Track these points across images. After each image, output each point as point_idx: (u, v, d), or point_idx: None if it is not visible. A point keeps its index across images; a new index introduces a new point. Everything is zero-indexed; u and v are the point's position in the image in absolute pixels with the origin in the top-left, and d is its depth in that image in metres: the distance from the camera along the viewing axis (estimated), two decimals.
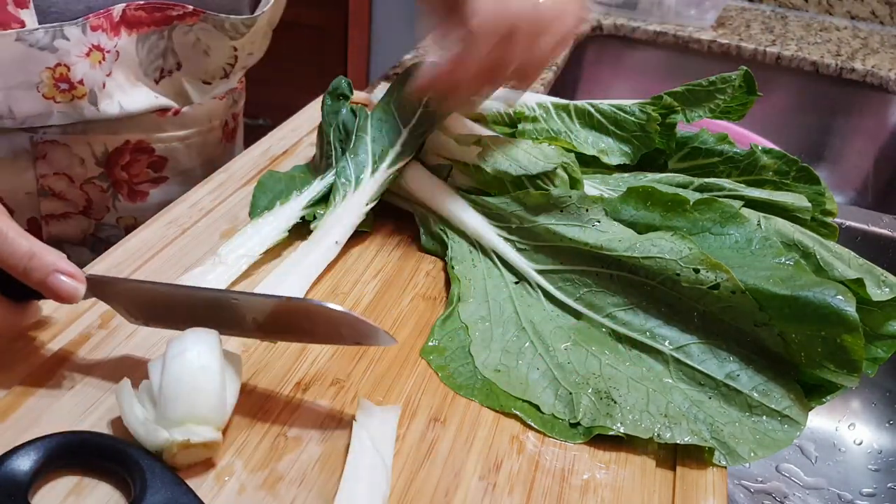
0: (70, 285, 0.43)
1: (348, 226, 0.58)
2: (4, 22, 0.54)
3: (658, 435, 0.44)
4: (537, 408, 0.47)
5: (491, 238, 0.56)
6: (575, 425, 0.46)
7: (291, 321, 0.44)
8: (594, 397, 0.46)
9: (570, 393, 0.47)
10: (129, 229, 0.69)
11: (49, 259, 0.42)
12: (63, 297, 0.43)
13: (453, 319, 0.52)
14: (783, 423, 0.45)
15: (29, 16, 0.55)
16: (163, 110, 0.66)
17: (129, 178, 0.68)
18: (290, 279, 0.53)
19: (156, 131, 0.67)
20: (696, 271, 0.47)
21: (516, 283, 0.54)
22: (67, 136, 0.63)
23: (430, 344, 0.51)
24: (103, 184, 0.67)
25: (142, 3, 0.60)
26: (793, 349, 0.45)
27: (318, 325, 0.44)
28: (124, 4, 0.59)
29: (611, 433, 0.45)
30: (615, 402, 0.46)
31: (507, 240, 0.56)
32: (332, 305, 0.42)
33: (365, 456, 0.41)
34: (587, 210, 0.53)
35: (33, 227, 0.68)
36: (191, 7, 0.62)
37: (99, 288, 0.45)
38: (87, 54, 0.58)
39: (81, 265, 0.47)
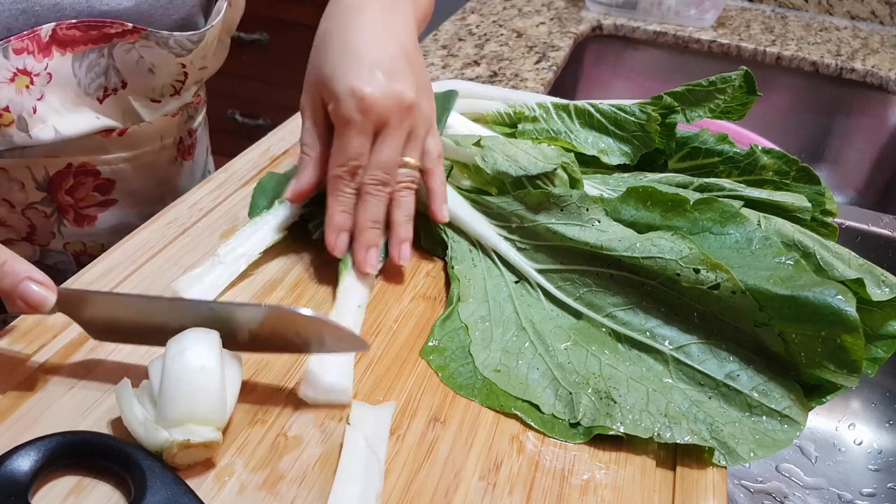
0: (40, 294, 0.42)
1: None
2: None
3: (658, 435, 0.44)
4: (537, 408, 0.47)
5: (491, 237, 0.56)
6: (575, 425, 0.46)
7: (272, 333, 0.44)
8: (594, 397, 0.46)
9: (570, 393, 0.47)
10: (77, 255, 0.67)
11: (20, 266, 0.42)
12: (32, 306, 0.42)
13: (453, 319, 0.52)
14: (783, 423, 0.45)
15: None
16: (107, 131, 0.62)
17: (74, 202, 0.64)
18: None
19: (100, 153, 0.63)
20: (696, 271, 0.47)
21: (516, 282, 0.54)
22: (4, 160, 0.59)
23: (430, 344, 0.51)
24: (47, 209, 0.63)
25: (74, 21, 0.56)
26: (793, 349, 0.45)
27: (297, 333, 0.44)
28: (54, 24, 0.55)
29: (611, 433, 0.45)
30: (615, 402, 0.46)
31: (507, 239, 0.56)
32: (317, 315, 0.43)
33: (358, 456, 0.41)
34: (587, 210, 0.53)
35: None
36: (130, 25, 0.58)
37: (68, 302, 0.44)
38: (12, 79, 0.55)
39: None
